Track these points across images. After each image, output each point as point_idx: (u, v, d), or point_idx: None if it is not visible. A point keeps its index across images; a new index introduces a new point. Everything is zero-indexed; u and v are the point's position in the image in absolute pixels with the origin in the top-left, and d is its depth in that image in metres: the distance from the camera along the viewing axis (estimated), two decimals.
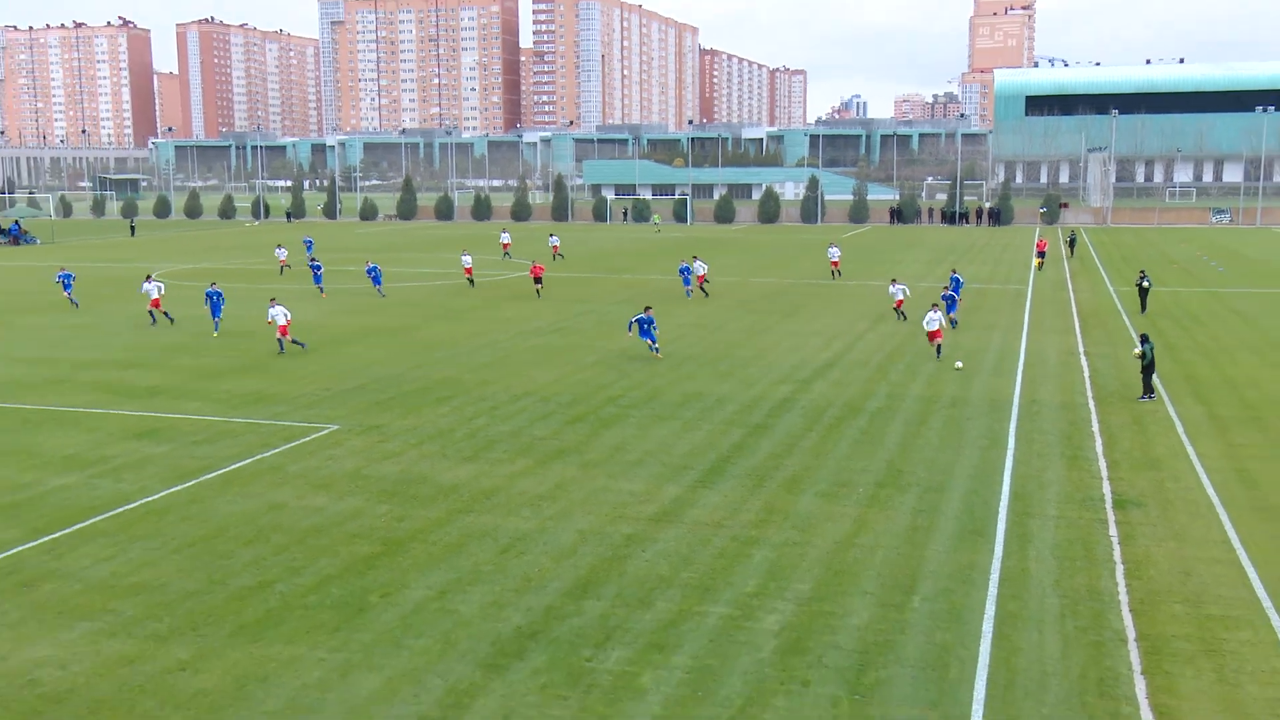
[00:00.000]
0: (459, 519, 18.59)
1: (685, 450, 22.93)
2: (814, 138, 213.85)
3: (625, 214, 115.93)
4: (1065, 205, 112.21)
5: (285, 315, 34.57)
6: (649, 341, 33.00)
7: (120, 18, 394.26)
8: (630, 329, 33.34)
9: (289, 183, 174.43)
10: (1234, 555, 16.81)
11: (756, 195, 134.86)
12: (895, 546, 17.17)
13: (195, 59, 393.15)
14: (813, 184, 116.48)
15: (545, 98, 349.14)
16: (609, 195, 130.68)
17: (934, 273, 59.14)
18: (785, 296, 49.53)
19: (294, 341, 34.81)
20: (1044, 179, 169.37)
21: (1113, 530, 17.90)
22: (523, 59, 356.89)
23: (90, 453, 22.97)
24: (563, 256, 67.54)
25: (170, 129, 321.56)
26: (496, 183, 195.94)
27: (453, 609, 14.92)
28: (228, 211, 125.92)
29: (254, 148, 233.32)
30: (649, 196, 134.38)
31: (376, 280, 48.95)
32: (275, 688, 12.78)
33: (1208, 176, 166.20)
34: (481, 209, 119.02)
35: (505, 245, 69.58)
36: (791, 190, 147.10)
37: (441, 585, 15.72)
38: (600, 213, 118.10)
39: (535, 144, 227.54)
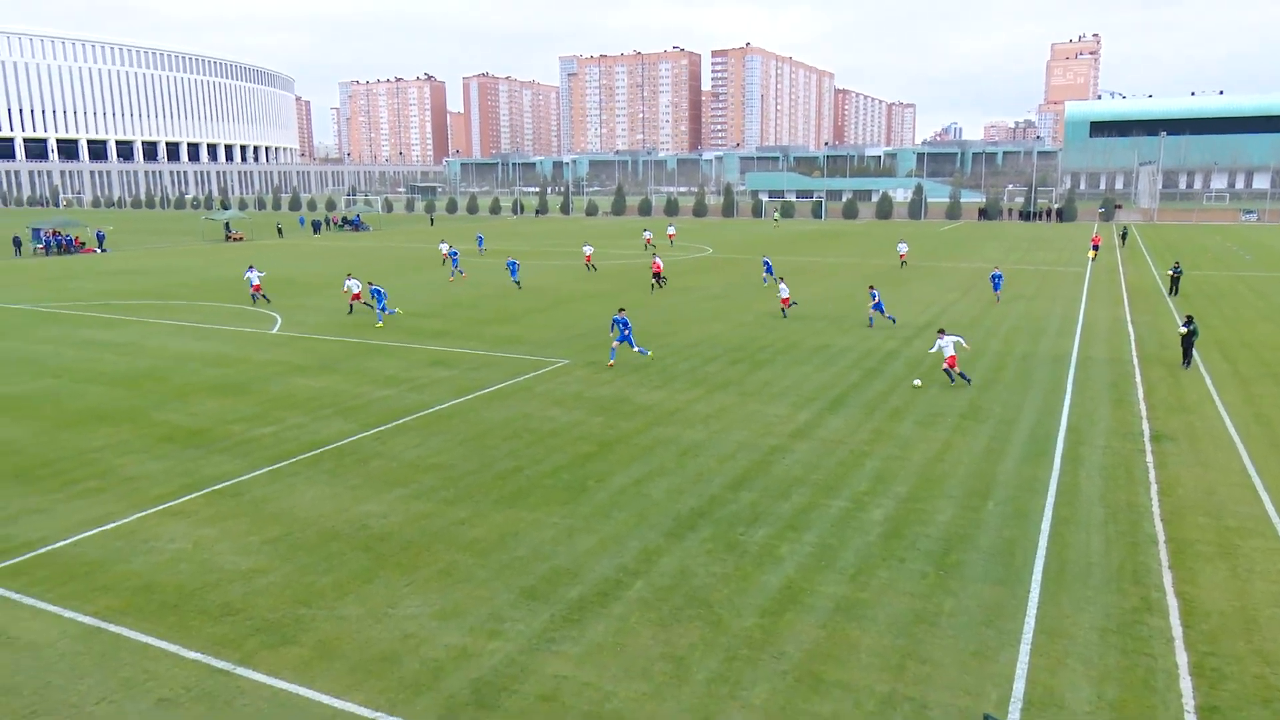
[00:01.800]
0: (651, 429, 18.75)
1: (815, 386, 22.47)
2: (920, 155, 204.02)
3: (777, 212, 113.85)
4: (1120, 206, 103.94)
5: (358, 285, 34.64)
6: (630, 345, 24.89)
7: (426, 74, 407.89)
8: (613, 329, 25.59)
9: (537, 189, 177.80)
10: (1250, 481, 15.44)
11: (875, 198, 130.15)
12: (974, 463, 16.45)
13: (475, 102, 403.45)
14: (918, 190, 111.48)
15: (718, 126, 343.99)
16: (764, 198, 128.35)
17: (1010, 257, 55.85)
18: (896, 273, 47.72)
19: (377, 307, 33.18)
20: (1103, 186, 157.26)
21: (1149, 458, 16.68)
22: (703, 98, 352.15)
23: (402, 374, 24.10)
24: (658, 249, 65.34)
25: (457, 151, 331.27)
26: (682, 189, 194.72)
27: (645, 493, 15.08)
28: (495, 209, 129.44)
29: (513, 164, 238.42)
30: (794, 199, 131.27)
31: (514, 272, 41.67)
32: (523, 540, 13.23)
33: (1240, 184, 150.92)
34: (671, 208, 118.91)
35: (648, 240, 64.82)
36: (901, 195, 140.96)
37: (638, 476, 15.91)
38: (757, 211, 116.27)
39: (711, 160, 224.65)
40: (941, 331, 22.79)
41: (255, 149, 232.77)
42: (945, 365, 22.19)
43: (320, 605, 11.28)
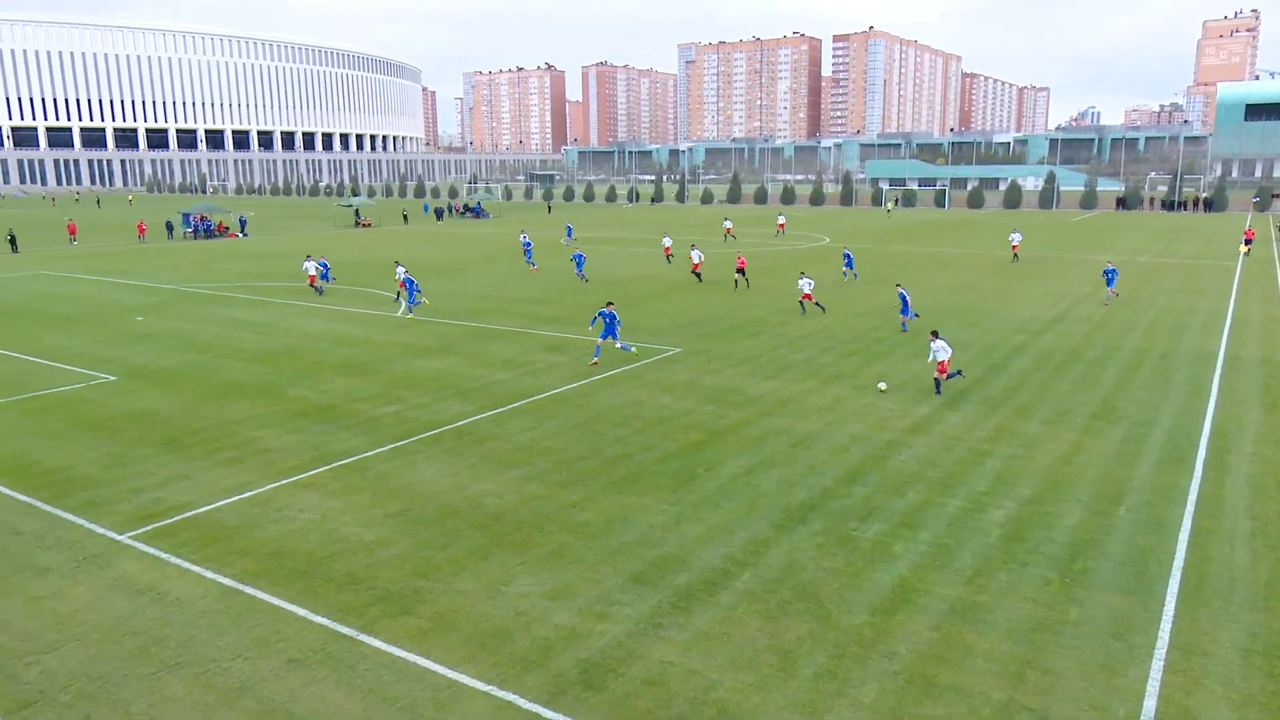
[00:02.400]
0: (762, 420, 18.59)
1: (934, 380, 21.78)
2: (1053, 141, 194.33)
3: (896, 200, 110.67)
4: (1277, 196, 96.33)
5: (316, 268, 36.45)
6: (613, 340, 23.81)
7: (546, 63, 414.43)
8: (593, 323, 24.75)
9: (652, 177, 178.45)
10: None
11: (1002, 187, 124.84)
12: (1105, 466, 15.62)
13: (594, 90, 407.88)
14: (1050, 178, 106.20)
15: (838, 113, 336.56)
16: (884, 186, 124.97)
17: (1151, 249, 52.64)
18: (1025, 264, 45.70)
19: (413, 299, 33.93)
20: (1258, 174, 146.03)
21: None
22: (823, 84, 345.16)
23: (519, 358, 24.65)
24: (756, 242, 63.94)
25: (575, 140, 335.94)
26: (799, 177, 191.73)
27: (755, 484, 14.98)
28: (611, 196, 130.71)
29: (630, 152, 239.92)
30: (915, 187, 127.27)
31: (580, 266, 39.98)
32: (632, 525, 13.36)
33: None
34: (788, 196, 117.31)
35: (728, 230, 61.82)
36: (1032, 183, 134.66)
37: (748, 466, 15.81)
38: (877, 199, 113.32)
39: (830, 148, 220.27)
40: (935, 334, 20.71)
41: (384, 138, 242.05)
42: (936, 373, 20.19)
43: (437, 579, 11.70)
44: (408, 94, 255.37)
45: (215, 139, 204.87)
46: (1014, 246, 48.61)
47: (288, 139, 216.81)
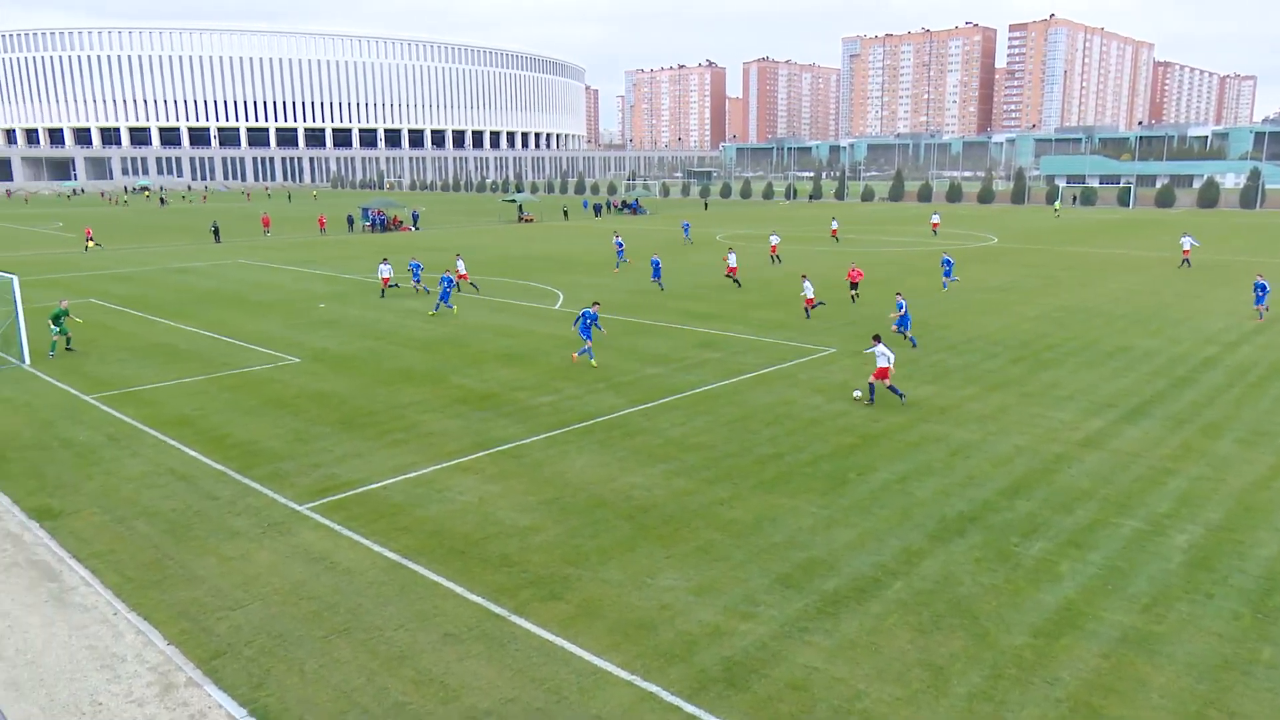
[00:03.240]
0: (919, 425, 17.94)
1: (1111, 392, 20.35)
2: (1259, 135, 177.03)
3: (1075, 198, 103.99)
4: None
5: (388, 270, 35.79)
6: (585, 341, 23.32)
7: (707, 60, 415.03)
8: (576, 322, 24.41)
9: (811, 173, 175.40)
10: None
11: (1196, 184, 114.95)
12: None
13: (754, 87, 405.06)
14: (1254, 175, 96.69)
15: (1012, 107, 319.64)
16: (1060, 183, 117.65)
17: None
18: (1221, 268, 41.95)
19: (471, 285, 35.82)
20: None
21: None
22: (996, 76, 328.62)
23: (671, 354, 24.83)
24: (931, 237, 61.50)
25: (734, 136, 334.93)
26: (967, 174, 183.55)
27: (909, 491, 14.48)
28: (768, 194, 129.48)
29: (789, 148, 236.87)
30: (1096, 185, 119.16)
31: (656, 273, 36.61)
32: (780, 526, 13.20)
33: None
34: (954, 193, 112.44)
35: (833, 231, 59.12)
36: (1232, 180, 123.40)
37: (902, 472, 15.31)
38: (1052, 197, 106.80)
39: (1001, 143, 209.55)
40: (877, 338, 19.67)
41: (547, 136, 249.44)
42: (873, 377, 19.21)
43: (586, 567, 11.97)
44: (572, 93, 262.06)
45: (393, 138, 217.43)
46: (1185, 252, 43.68)
47: (458, 137, 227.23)
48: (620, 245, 46.29)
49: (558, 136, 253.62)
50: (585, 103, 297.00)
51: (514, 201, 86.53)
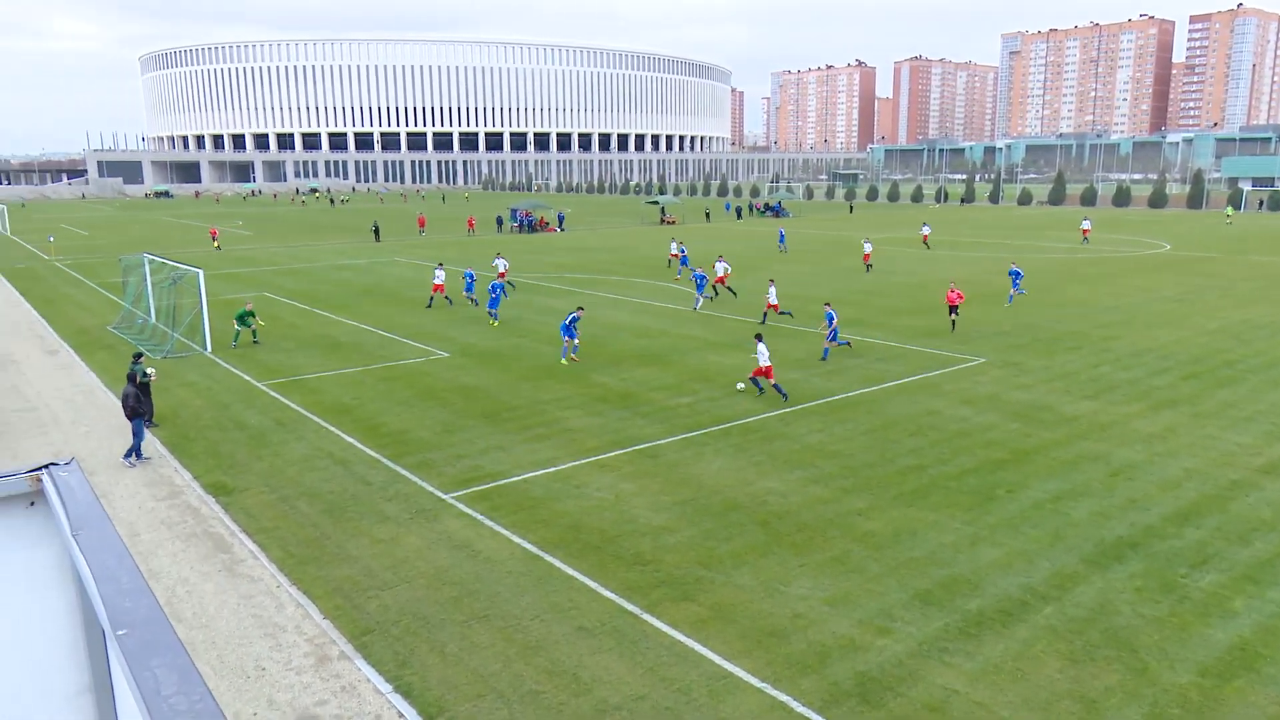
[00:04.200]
0: (1076, 443, 16.94)
1: None
2: None
3: (1260, 204, 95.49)
4: None
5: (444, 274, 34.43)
6: (567, 340, 23.66)
7: (856, 60, 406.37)
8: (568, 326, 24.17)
9: (964, 176, 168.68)
10: None
11: None
12: None
13: (905, 86, 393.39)
14: None
15: (1190, 104, 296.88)
16: (1245, 186, 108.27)
17: None
18: None
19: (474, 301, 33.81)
20: None
21: None
22: (1172, 72, 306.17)
23: (811, 359, 24.39)
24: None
25: (883, 138, 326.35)
26: (1137, 176, 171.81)
27: (1063, 512, 13.69)
28: (916, 197, 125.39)
29: (940, 150, 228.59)
30: None
31: (700, 286, 33.27)
32: (921, 541, 12.76)
33: None
34: (1121, 197, 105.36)
35: (924, 238, 55.90)
36: None
37: (1056, 492, 14.49)
38: (1235, 202, 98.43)
39: (1177, 143, 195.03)
40: (759, 337, 20.66)
41: (691, 139, 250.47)
42: (753, 373, 20.29)
43: (719, 570, 11.94)
44: (717, 95, 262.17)
45: (542, 141, 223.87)
46: None
47: (604, 140, 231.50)
48: (684, 254, 44.48)
49: (702, 139, 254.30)
50: (730, 105, 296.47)
51: (656, 203, 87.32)
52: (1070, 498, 14.19)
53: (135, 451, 16.53)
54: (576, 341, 24.10)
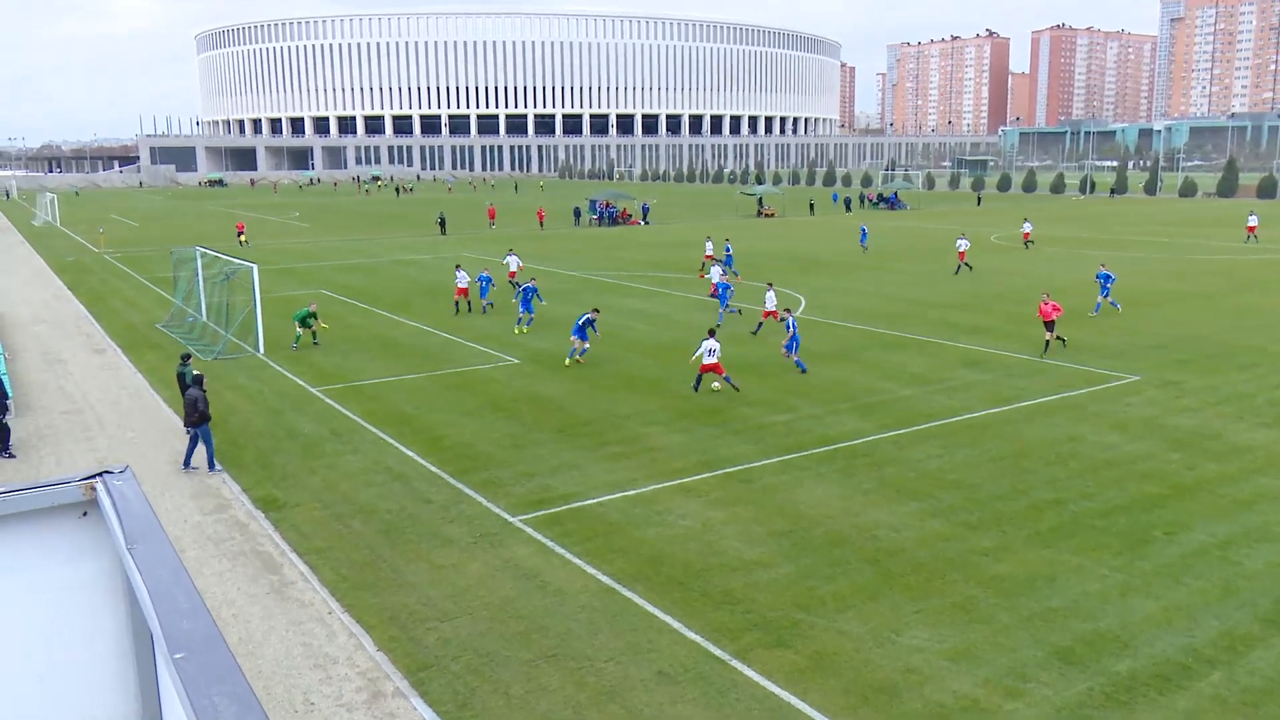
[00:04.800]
0: (1251, 478, 16.10)
1: None
2: None
3: None
4: None
5: (466, 278, 33.57)
6: (577, 341, 24.78)
7: (987, 29, 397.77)
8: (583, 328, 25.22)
9: (1114, 162, 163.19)
10: None
11: None
12: None
13: (1044, 59, 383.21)
14: None
15: None
16: None
17: None
18: None
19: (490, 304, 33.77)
20: None
21: None
22: None
23: (930, 373, 23.92)
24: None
25: (1017, 119, 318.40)
26: None
27: (1235, 560, 13.01)
28: (1058, 187, 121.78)
29: (1086, 133, 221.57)
30: None
31: (724, 299, 31.63)
32: (1059, 588, 12.30)
33: None
34: None
35: (1026, 235, 53.68)
36: None
37: (1225, 536, 13.79)
38: None
39: None
40: (711, 332, 22.33)
41: (794, 121, 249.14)
42: (701, 370, 21.68)
43: (820, 613, 11.73)
44: (824, 72, 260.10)
45: (625, 124, 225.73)
46: None
47: (695, 123, 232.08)
48: (729, 256, 43.44)
49: (806, 121, 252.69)
50: (840, 82, 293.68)
51: (753, 194, 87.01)
52: (1243, 543, 13.49)
53: (210, 459, 17.22)
54: (587, 345, 25.16)
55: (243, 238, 60.45)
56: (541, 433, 19.24)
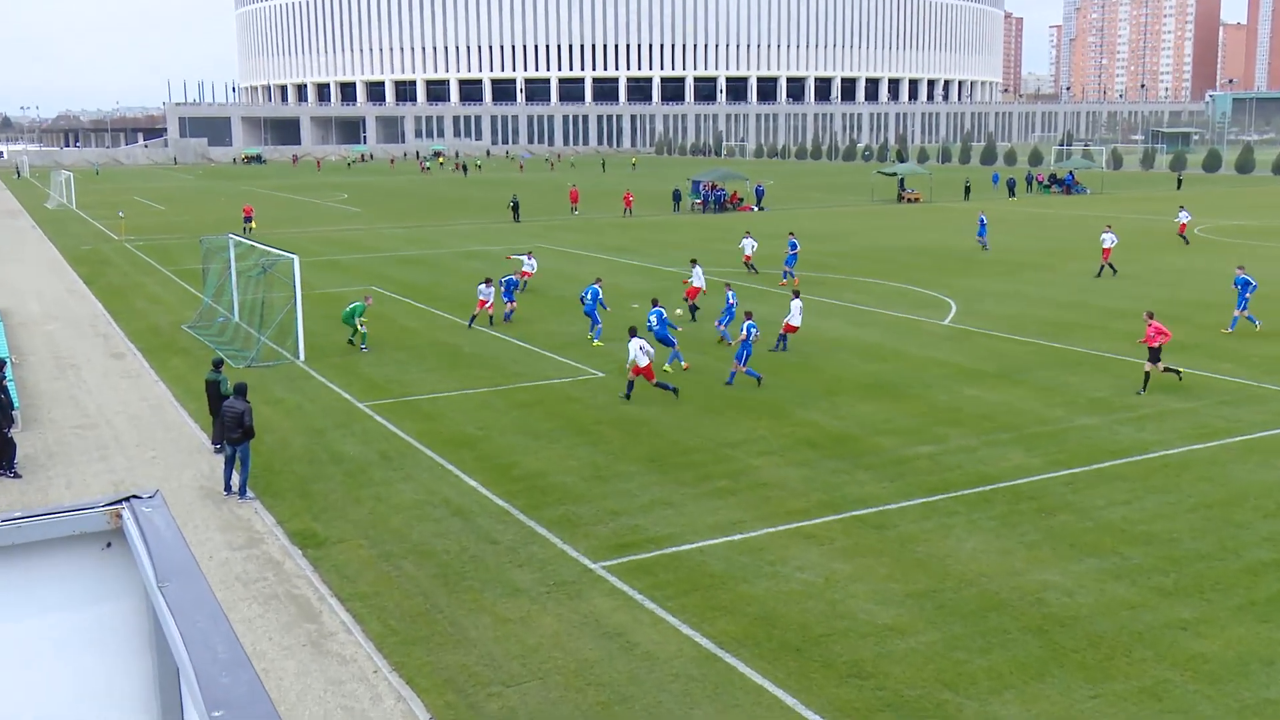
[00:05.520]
0: None
1: None
2: None
3: None
4: None
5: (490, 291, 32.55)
6: (588, 314, 29.54)
7: None
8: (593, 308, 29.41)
9: None
10: None
11: None
12: None
13: (1267, 7, 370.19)
14: None
15: None
16: None
17: None
18: None
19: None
20: None
21: None
22: None
23: (1115, 398, 23.31)
24: None
25: (1230, 82, 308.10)
26: None
27: None
28: None
29: None
30: None
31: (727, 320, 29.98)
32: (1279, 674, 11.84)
33: None
34: None
35: (1179, 222, 51.46)
36: None
37: None
38: None
39: None
40: (632, 332, 23.05)
41: (945, 84, 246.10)
42: (631, 373, 22.79)
43: (970, 693, 11.52)
44: (984, 23, 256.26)
45: (737, 88, 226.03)
46: None
47: (822, 87, 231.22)
48: (982, 224, 46.09)
49: (961, 84, 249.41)
50: (1003, 38, 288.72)
51: (893, 174, 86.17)
52: None
53: (243, 485, 17.82)
54: (600, 327, 28.61)
55: (251, 224, 60.39)
56: (630, 462, 19.35)
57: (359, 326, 28.99)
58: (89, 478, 19.21)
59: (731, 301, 29.42)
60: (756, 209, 75.78)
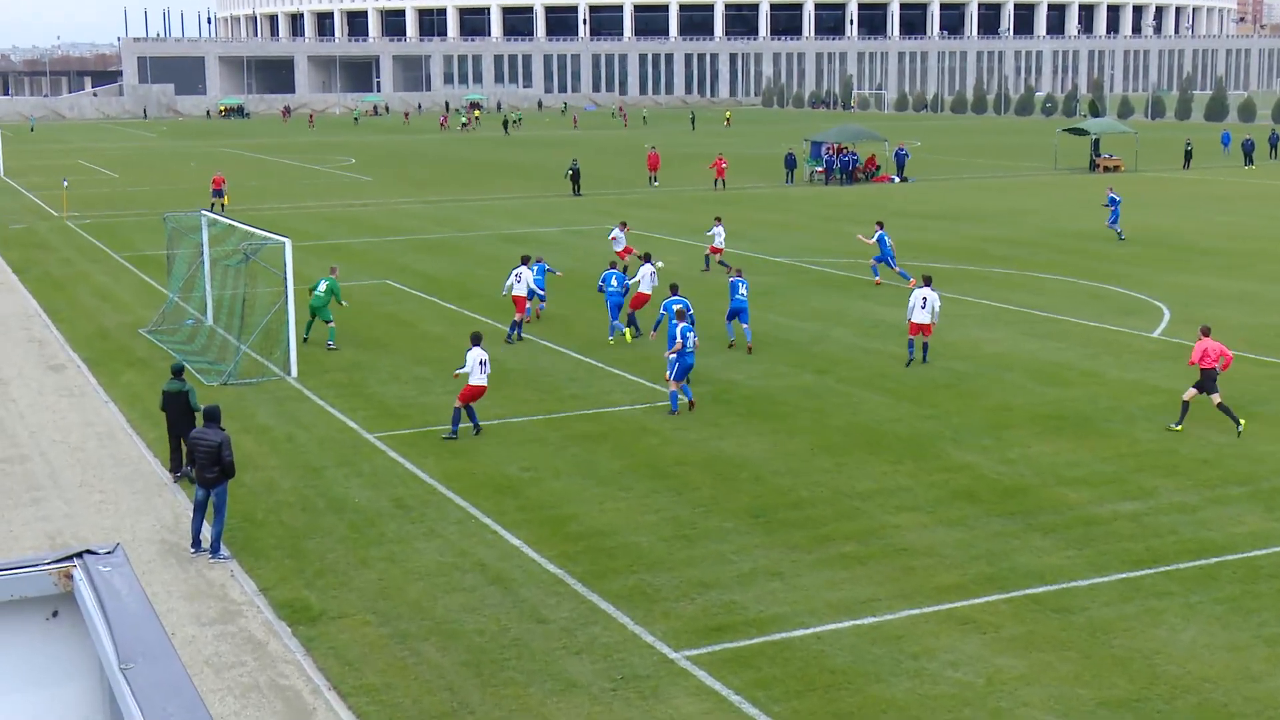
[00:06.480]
0: None
1: None
2: None
3: None
4: None
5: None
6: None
7: None
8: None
9: None
10: None
11: None
12: None
13: None
14: None
15: None
16: None
17: None
18: None
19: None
20: None
21: None
22: None
23: None
24: None
25: None
26: None
27: None
28: None
29: None
30: None
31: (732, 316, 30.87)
32: None
33: None
34: None
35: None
36: None
37: None
38: None
39: None
40: (476, 339, 24.12)
41: (1158, 11, 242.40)
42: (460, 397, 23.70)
43: None
44: None
45: (871, 18, 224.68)
46: None
47: (989, 15, 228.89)
48: (1115, 203, 46.89)
49: (1179, 10, 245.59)
50: None
51: (1084, 132, 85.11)
52: None
53: (216, 539, 17.98)
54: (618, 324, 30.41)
55: (223, 200, 60.01)
56: (723, 516, 19.31)
57: (328, 315, 29.44)
58: (16, 528, 19.46)
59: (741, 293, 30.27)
60: (898, 180, 75.28)
